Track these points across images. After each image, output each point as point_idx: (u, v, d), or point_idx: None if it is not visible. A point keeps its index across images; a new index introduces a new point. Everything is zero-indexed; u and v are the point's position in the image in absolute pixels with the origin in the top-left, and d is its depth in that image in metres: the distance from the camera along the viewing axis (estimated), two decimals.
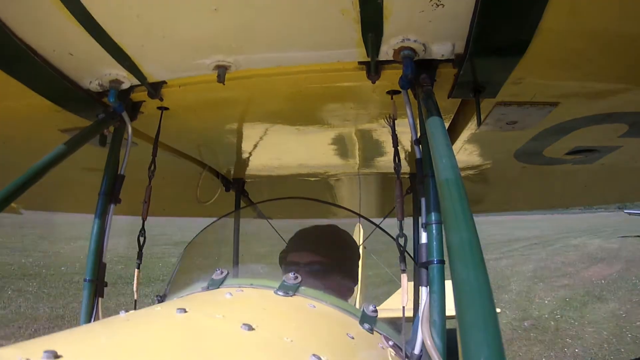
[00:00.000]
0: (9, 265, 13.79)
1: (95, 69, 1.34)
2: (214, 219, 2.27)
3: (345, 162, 2.42)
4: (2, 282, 11.58)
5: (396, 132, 1.38)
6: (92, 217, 1.46)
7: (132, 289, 1.62)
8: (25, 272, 13.10)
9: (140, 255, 1.60)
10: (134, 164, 1.57)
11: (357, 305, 1.69)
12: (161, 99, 1.46)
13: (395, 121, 1.39)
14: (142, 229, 1.59)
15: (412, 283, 1.48)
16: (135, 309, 1.66)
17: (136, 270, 1.62)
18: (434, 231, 1.12)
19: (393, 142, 1.37)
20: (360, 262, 3.57)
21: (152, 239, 1.75)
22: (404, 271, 1.23)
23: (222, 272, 1.46)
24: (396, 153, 1.35)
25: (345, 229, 2.24)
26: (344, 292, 1.91)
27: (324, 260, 1.87)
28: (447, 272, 0.82)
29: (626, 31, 1.05)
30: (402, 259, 1.23)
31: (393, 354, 1.26)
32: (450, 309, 0.79)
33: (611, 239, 25.90)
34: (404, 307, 1.22)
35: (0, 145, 1.91)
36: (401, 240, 1.24)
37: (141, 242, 1.59)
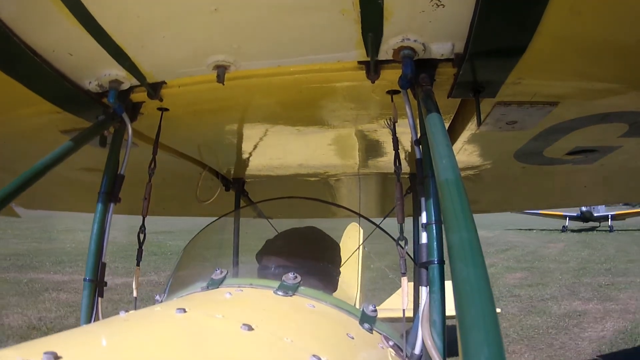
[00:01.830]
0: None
1: (95, 70, 1.33)
2: (214, 218, 2.27)
3: (345, 162, 2.42)
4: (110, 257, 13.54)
5: (397, 136, 1.38)
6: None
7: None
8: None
9: (140, 252, 1.59)
10: (134, 165, 1.57)
11: (357, 305, 1.69)
12: (161, 100, 1.46)
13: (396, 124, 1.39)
14: (142, 226, 1.59)
15: (412, 283, 1.48)
16: (135, 306, 1.66)
17: (136, 267, 1.61)
18: (434, 231, 1.12)
19: (394, 146, 1.37)
20: (359, 262, 3.57)
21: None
22: (404, 274, 1.23)
23: (221, 272, 1.46)
24: (397, 157, 1.34)
25: (341, 228, 2.23)
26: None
27: (300, 261, 1.82)
28: (447, 272, 0.82)
29: (626, 31, 1.05)
30: (403, 263, 1.23)
31: (393, 354, 1.26)
32: (450, 309, 0.79)
33: (496, 230, 28.56)
34: (404, 310, 1.22)
35: (1, 146, 1.90)
36: (401, 244, 1.24)
37: (141, 239, 1.59)
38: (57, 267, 13.08)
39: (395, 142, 1.37)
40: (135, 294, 1.64)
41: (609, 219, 30.15)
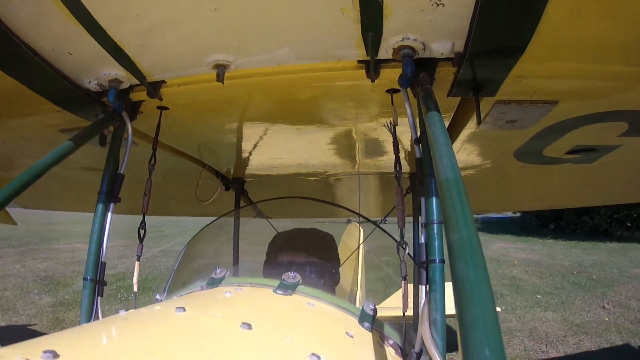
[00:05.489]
0: None
1: (95, 69, 1.33)
2: (214, 218, 2.27)
3: (345, 162, 2.42)
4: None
5: (397, 139, 1.38)
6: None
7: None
8: None
9: (140, 248, 1.59)
10: (134, 164, 1.57)
11: (357, 304, 1.69)
12: (160, 99, 1.46)
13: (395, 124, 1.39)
14: (143, 222, 1.59)
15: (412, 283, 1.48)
16: (135, 300, 1.66)
17: (136, 262, 1.61)
18: (434, 230, 1.12)
19: (394, 149, 1.36)
20: (360, 262, 3.58)
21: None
22: (404, 278, 1.23)
23: (221, 271, 1.46)
24: (397, 160, 1.34)
25: (338, 228, 2.25)
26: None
27: (315, 261, 1.87)
28: (447, 273, 0.82)
29: (626, 31, 1.05)
30: (404, 267, 1.23)
31: (392, 353, 1.26)
32: (450, 308, 0.79)
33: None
34: (404, 313, 1.22)
35: (1, 146, 1.90)
36: (403, 247, 1.24)
37: (141, 235, 1.59)
38: None
39: (396, 145, 1.37)
40: (135, 288, 1.64)
41: None
